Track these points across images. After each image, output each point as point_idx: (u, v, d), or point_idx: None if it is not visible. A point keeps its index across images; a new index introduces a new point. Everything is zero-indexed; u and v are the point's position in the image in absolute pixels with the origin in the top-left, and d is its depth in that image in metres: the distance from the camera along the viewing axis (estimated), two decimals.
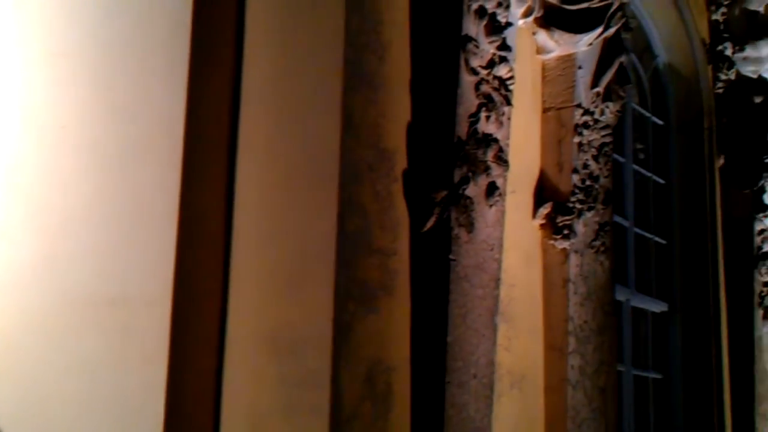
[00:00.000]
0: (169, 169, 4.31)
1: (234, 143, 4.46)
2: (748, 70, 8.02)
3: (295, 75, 4.32)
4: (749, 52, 7.99)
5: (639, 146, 7.58)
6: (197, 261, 4.30)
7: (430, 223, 4.40)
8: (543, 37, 5.56)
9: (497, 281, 4.70)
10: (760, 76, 8.01)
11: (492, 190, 4.62)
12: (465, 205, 4.47)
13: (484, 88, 4.62)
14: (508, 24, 4.75)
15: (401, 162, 4.40)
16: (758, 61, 8.01)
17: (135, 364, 4.23)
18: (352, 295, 4.09)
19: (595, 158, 5.65)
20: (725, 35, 7.98)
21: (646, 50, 7.78)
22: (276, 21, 4.42)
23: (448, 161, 4.46)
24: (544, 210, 5.46)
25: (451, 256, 4.42)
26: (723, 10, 7.99)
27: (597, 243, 5.60)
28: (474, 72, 4.57)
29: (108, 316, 4.37)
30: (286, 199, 4.28)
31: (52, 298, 4.44)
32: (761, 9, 7.97)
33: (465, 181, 4.48)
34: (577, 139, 5.55)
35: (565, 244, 5.44)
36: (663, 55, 7.83)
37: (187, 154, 4.30)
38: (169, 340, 4.14)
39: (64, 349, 4.36)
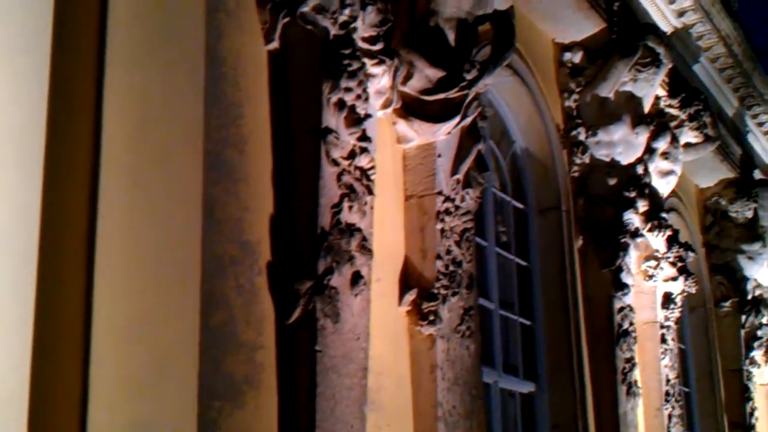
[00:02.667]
0: (24, 265, 4.18)
1: (93, 237, 4.37)
2: (602, 154, 8.35)
3: (154, 169, 4.28)
4: (601, 136, 8.33)
5: (501, 229, 7.76)
6: (55, 357, 4.16)
7: (295, 315, 4.38)
8: (403, 126, 5.68)
9: (365, 370, 4.69)
10: (612, 159, 8.35)
11: (357, 279, 4.63)
12: (330, 296, 4.47)
13: (346, 178, 4.66)
14: (368, 115, 4.82)
15: (265, 254, 4.38)
16: (610, 144, 8.36)
17: None
18: (217, 392, 4.01)
19: (458, 244, 5.75)
20: (578, 121, 8.32)
21: (503, 136, 8.02)
22: (133, 114, 4.38)
23: (312, 252, 4.46)
24: (410, 297, 5.50)
25: (317, 348, 4.39)
26: (575, 97, 8.33)
27: (462, 327, 5.67)
28: (335, 163, 4.61)
29: None
30: (147, 293, 4.20)
31: None
32: (611, 95, 8.34)
33: (329, 271, 4.48)
34: (439, 226, 5.64)
35: (432, 330, 5.48)
36: (520, 141, 8.08)
37: (42, 249, 4.19)
38: None
39: None
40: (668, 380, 8.95)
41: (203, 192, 4.10)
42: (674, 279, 9.06)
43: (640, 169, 8.45)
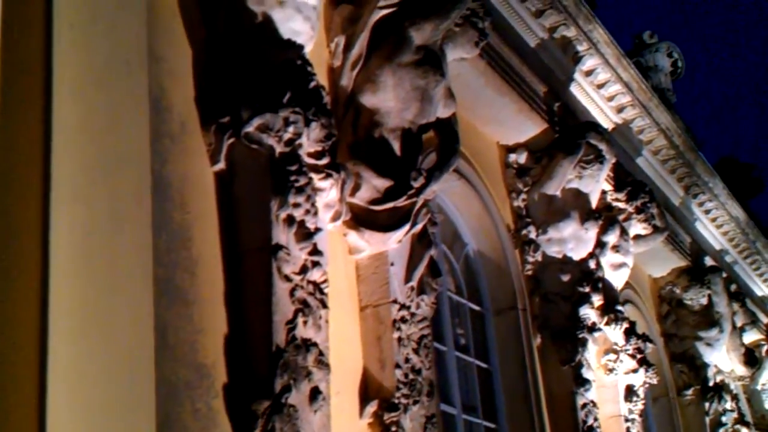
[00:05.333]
0: None
1: (44, 367, 4.28)
2: (553, 251, 8.43)
3: (104, 296, 4.23)
4: (552, 233, 8.41)
5: (459, 332, 7.74)
6: None
7: None
8: (354, 237, 5.71)
9: None
10: (564, 256, 8.42)
11: (315, 395, 4.57)
12: (289, 414, 4.39)
13: (300, 293, 4.64)
14: (318, 229, 4.83)
15: (221, 376, 4.32)
16: (561, 241, 8.44)
17: None
18: None
19: (416, 351, 5.73)
20: (528, 220, 8.41)
21: (455, 240, 8.08)
22: (81, 241, 4.35)
23: (269, 370, 4.40)
24: (371, 408, 5.44)
25: None
26: (523, 196, 8.44)
27: None
28: (288, 279, 4.60)
29: None
30: (100, 421, 4.10)
31: None
32: (558, 193, 8.46)
33: (287, 389, 4.42)
34: (396, 335, 5.62)
35: None
36: (472, 243, 8.14)
37: None
38: None
39: None
40: None
41: (155, 317, 4.06)
42: (635, 371, 9.07)
43: (592, 264, 8.52)
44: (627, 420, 8.96)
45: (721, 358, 12.28)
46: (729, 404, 12.13)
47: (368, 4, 6.05)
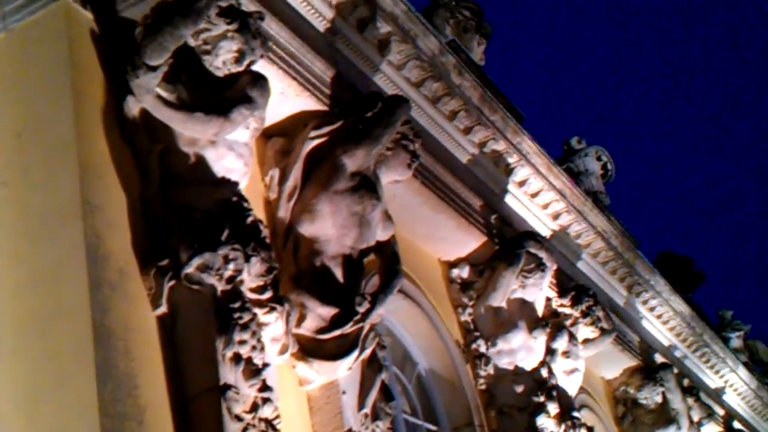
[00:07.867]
0: None
1: None
2: (504, 363, 8.39)
3: None
4: (501, 345, 8.39)
5: None
6: None
7: None
8: (303, 369, 5.65)
9: None
10: (516, 367, 8.38)
11: None
12: None
13: None
14: (266, 364, 4.79)
15: None
16: (511, 352, 8.41)
17: None
18: None
19: None
20: (476, 333, 8.39)
21: (406, 360, 8.02)
22: (24, 400, 4.26)
23: None
24: None
25: None
26: (469, 310, 8.44)
27: None
28: (239, 419, 4.52)
29: None
30: None
31: None
32: (503, 304, 8.47)
33: None
34: None
35: None
36: (423, 362, 8.08)
37: None
38: None
39: None
40: None
41: None
42: None
43: (544, 372, 8.49)
44: None
45: None
46: None
47: (299, 135, 6.16)
